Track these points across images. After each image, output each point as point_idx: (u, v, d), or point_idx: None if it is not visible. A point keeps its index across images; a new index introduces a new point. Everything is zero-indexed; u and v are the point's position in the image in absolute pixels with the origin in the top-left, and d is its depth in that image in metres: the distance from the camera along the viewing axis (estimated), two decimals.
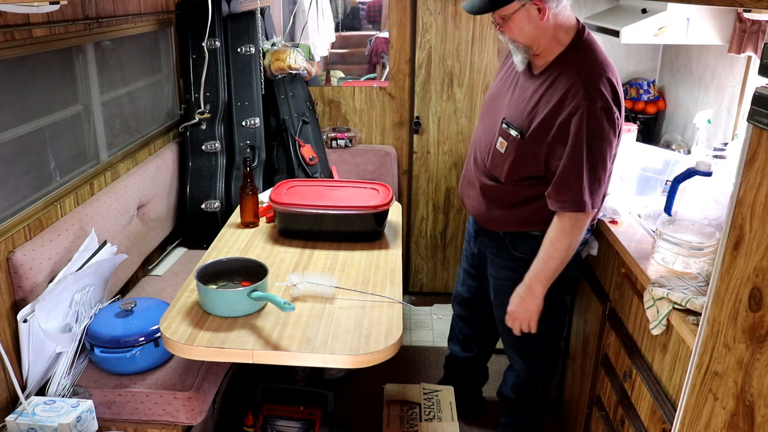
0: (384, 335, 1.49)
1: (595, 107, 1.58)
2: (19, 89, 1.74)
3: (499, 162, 1.78)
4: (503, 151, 1.76)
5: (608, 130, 1.60)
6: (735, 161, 1.83)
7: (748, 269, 0.97)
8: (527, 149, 1.70)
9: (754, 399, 0.98)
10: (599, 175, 1.63)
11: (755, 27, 2.04)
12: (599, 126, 1.59)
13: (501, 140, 1.76)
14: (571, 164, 1.61)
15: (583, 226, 1.70)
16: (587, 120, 1.57)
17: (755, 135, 0.94)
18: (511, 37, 1.68)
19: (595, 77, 1.61)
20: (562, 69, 1.65)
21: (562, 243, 1.70)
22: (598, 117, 1.58)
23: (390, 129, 3.11)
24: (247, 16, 2.78)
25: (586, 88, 1.59)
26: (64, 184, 1.93)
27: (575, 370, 2.15)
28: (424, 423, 2.24)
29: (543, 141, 1.66)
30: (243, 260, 1.77)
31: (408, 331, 3.05)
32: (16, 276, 1.65)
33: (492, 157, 1.81)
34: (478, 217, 1.94)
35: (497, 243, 1.91)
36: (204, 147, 2.68)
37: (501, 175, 1.78)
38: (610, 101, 1.60)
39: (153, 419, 1.77)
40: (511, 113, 1.76)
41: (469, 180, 1.95)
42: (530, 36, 1.65)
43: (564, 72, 1.64)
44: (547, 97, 1.66)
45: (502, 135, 1.76)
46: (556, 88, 1.64)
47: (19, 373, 1.68)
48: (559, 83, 1.64)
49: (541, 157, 1.69)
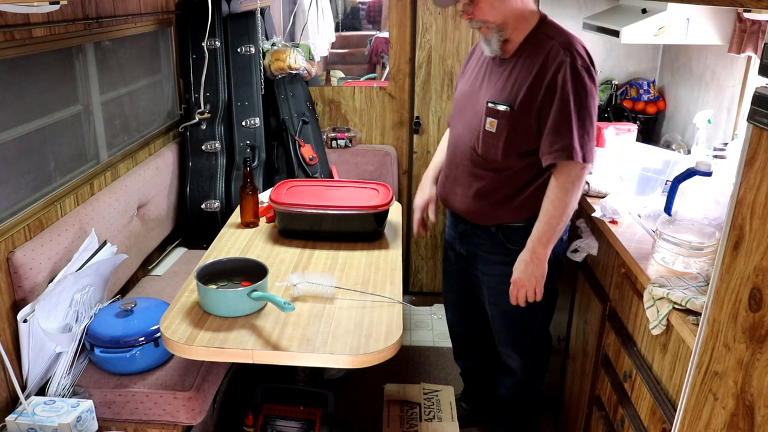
0: (384, 335, 1.50)
1: (577, 64, 1.66)
2: (19, 89, 1.74)
3: (493, 142, 1.78)
4: (494, 130, 1.77)
5: (590, 85, 1.67)
6: (735, 161, 1.83)
7: (748, 269, 0.97)
8: (519, 120, 1.73)
9: (754, 399, 0.98)
10: (587, 128, 1.68)
11: (755, 27, 2.04)
12: (582, 81, 1.66)
13: (490, 120, 1.78)
14: (559, 116, 1.67)
15: (579, 180, 1.72)
16: (571, 74, 1.65)
17: (755, 135, 0.94)
18: (484, 19, 1.72)
19: (569, 40, 1.70)
20: (535, 41, 1.72)
21: (562, 201, 1.72)
22: (581, 73, 1.66)
23: (390, 129, 3.11)
24: (247, 16, 2.78)
25: (565, 48, 1.67)
26: (64, 184, 1.93)
27: (575, 370, 2.15)
28: (424, 423, 2.24)
29: (533, 107, 1.70)
30: (243, 260, 1.77)
31: (408, 331, 3.05)
32: (16, 276, 1.65)
33: (483, 142, 1.80)
34: (469, 213, 1.92)
35: (489, 239, 1.90)
36: (204, 147, 2.68)
37: (497, 155, 1.78)
38: (587, 61, 1.69)
39: (153, 419, 1.77)
40: (494, 95, 1.78)
41: (454, 179, 1.93)
42: (502, 12, 1.71)
43: (538, 43, 1.72)
44: (528, 67, 1.71)
45: (491, 115, 1.77)
46: (535, 57, 1.70)
47: (19, 373, 1.68)
48: (536, 52, 1.71)
49: (533, 125, 1.72)
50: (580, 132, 1.67)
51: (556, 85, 1.65)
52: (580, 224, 2.09)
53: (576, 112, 1.65)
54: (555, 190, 1.72)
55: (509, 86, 1.74)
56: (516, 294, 1.82)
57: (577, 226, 2.10)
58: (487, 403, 2.41)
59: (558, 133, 1.67)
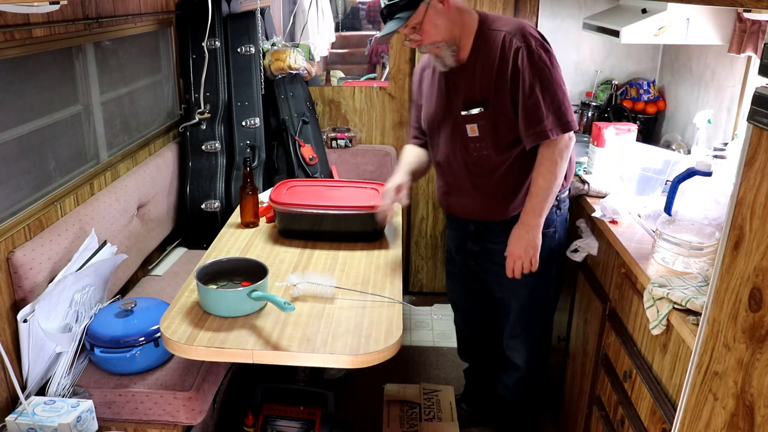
0: (384, 335, 1.50)
1: (531, 45, 1.70)
2: (19, 89, 1.74)
3: (481, 144, 1.81)
4: (478, 134, 1.80)
5: (549, 60, 1.71)
6: (735, 161, 1.83)
7: (748, 269, 0.97)
8: (497, 115, 1.77)
9: (754, 399, 0.98)
10: (559, 101, 1.71)
11: (755, 27, 2.04)
12: (542, 59, 1.70)
13: (470, 126, 1.80)
14: (529, 100, 1.70)
15: (566, 150, 1.77)
16: (528, 55, 1.69)
17: (755, 135, 0.94)
18: (432, 41, 1.74)
19: (518, 27, 1.73)
20: (485, 39, 1.76)
21: (552, 173, 1.76)
22: (538, 51, 1.70)
23: (390, 129, 3.11)
24: (247, 16, 2.78)
25: (516, 35, 1.71)
26: (64, 184, 1.93)
27: (575, 370, 2.15)
28: (424, 423, 2.24)
29: (506, 98, 1.74)
30: (243, 260, 1.77)
31: (408, 331, 3.05)
32: (16, 276, 1.65)
33: (471, 148, 1.83)
34: (480, 215, 1.93)
35: (505, 232, 1.89)
36: (204, 147, 2.68)
37: (490, 154, 1.81)
38: (541, 40, 1.73)
39: (153, 419, 1.77)
40: (464, 101, 1.80)
41: (457, 191, 1.94)
42: (446, 28, 1.73)
43: (489, 39, 1.75)
44: (488, 65, 1.75)
45: (469, 121, 1.80)
46: (491, 52, 1.74)
47: (19, 373, 1.68)
48: (490, 48, 1.75)
49: (512, 114, 1.75)
50: (553, 109, 1.71)
51: (519, 70, 1.70)
52: (580, 224, 2.09)
53: (541, 91, 1.69)
54: (545, 164, 1.76)
55: (476, 88, 1.77)
56: (512, 266, 1.84)
57: (577, 226, 2.10)
58: (487, 405, 2.41)
59: (531, 117, 1.72)
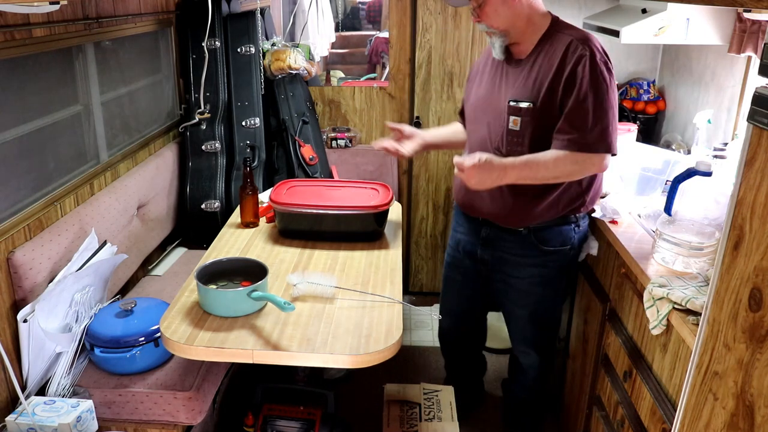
0: (384, 335, 1.49)
1: (596, 58, 1.67)
2: (19, 89, 1.74)
3: (518, 140, 1.77)
4: (519, 128, 1.76)
5: (609, 79, 1.69)
6: (735, 161, 1.83)
7: (748, 269, 0.97)
8: (542, 115, 1.73)
9: (754, 399, 0.98)
10: (607, 121, 1.68)
11: (755, 27, 2.04)
12: (602, 74, 1.67)
13: (513, 118, 1.77)
14: (577, 108, 1.67)
15: (589, 168, 1.73)
16: (590, 67, 1.66)
17: (755, 135, 0.94)
18: (488, 24, 1.74)
19: (586, 37, 1.72)
20: (552, 40, 1.74)
21: (561, 167, 1.71)
22: (600, 66, 1.67)
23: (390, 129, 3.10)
24: (247, 16, 2.78)
25: (583, 43, 1.69)
26: (64, 184, 1.93)
27: (575, 370, 2.15)
28: (424, 423, 2.24)
29: (555, 101, 1.71)
30: (243, 260, 1.77)
31: (408, 331, 3.05)
32: (16, 276, 1.65)
33: (507, 141, 1.78)
34: (498, 217, 1.88)
35: (519, 242, 1.87)
36: (204, 147, 2.68)
37: (523, 152, 1.76)
38: (606, 58, 1.70)
39: (153, 419, 1.77)
40: (516, 93, 1.77)
41: None
42: (506, 20, 1.72)
43: (555, 41, 1.73)
44: (548, 64, 1.72)
45: (513, 113, 1.77)
46: (554, 53, 1.72)
47: (19, 373, 1.68)
48: (554, 49, 1.72)
49: (556, 119, 1.72)
50: (600, 125, 1.67)
51: (576, 77, 1.67)
52: None
53: (593, 105, 1.66)
54: (566, 155, 1.69)
55: (530, 84, 1.74)
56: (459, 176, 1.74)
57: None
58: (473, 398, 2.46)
59: (573, 124, 1.68)
